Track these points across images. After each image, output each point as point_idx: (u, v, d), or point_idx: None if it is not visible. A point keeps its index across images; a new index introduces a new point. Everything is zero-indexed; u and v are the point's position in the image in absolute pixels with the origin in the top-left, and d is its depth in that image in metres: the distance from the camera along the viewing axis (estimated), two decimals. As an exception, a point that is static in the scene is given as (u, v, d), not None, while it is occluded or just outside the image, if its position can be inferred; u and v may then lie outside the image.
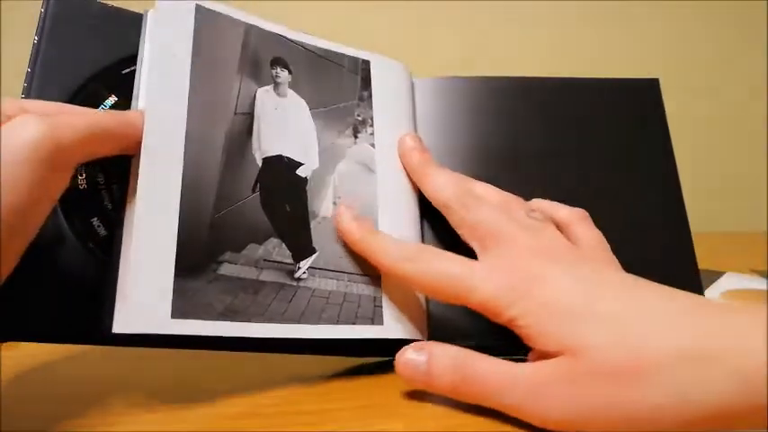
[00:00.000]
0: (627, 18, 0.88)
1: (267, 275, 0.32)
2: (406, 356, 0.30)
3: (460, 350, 0.30)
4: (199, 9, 0.33)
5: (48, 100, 0.29)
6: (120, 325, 0.27)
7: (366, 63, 0.39)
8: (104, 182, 0.31)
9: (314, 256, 0.33)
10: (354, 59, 0.39)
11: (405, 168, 0.38)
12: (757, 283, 0.50)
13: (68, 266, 0.30)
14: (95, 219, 0.31)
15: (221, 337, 0.29)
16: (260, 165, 0.33)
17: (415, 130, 0.40)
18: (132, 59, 0.32)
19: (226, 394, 0.31)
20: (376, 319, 0.33)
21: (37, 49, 0.31)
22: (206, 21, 0.33)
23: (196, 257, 0.30)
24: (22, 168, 0.24)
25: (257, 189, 0.33)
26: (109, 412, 0.29)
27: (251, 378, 0.33)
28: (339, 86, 0.38)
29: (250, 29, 0.35)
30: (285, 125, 0.35)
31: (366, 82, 0.39)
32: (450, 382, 0.29)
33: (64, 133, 0.25)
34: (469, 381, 0.29)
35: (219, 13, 0.34)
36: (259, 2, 0.45)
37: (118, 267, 0.28)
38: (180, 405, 0.30)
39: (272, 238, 0.32)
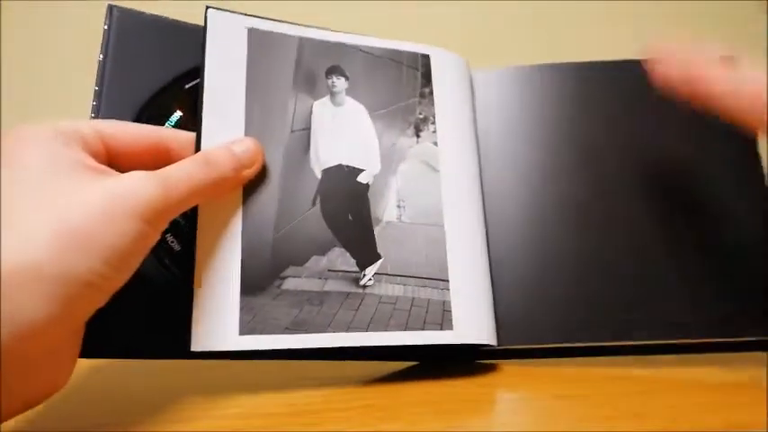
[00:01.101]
0: (627, 17, 0.83)
1: (332, 285, 0.32)
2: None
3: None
4: (251, 32, 0.34)
5: (116, 117, 0.31)
6: (196, 344, 0.29)
7: (426, 58, 0.38)
8: None
9: (379, 262, 0.33)
10: (413, 55, 0.38)
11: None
12: None
13: (147, 283, 0.31)
14: (169, 234, 0.32)
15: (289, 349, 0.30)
16: (319, 177, 0.34)
17: (476, 124, 0.38)
18: (195, 72, 0.33)
19: (226, 394, 0.31)
20: (445, 324, 0.33)
21: (103, 67, 0.33)
22: (259, 43, 0.34)
23: (260, 277, 0.31)
24: (130, 223, 0.25)
25: (317, 202, 0.33)
26: (109, 412, 0.30)
27: (251, 378, 0.33)
28: (399, 85, 0.37)
29: (303, 43, 0.35)
30: (343, 134, 0.35)
31: (427, 78, 0.37)
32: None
33: (171, 198, 0.27)
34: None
35: (272, 33, 0.35)
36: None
37: (191, 289, 0.30)
38: (180, 405, 0.30)
39: (335, 248, 0.33)
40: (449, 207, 0.35)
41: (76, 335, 0.27)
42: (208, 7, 0.34)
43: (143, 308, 0.31)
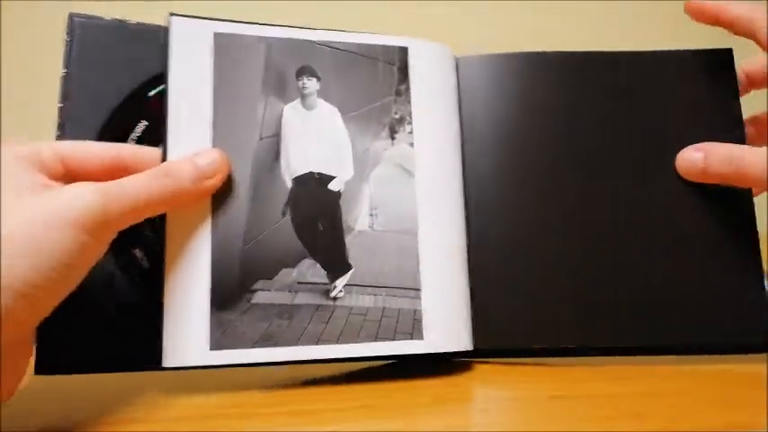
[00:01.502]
0: (629, 16, 0.83)
1: (302, 298, 0.32)
2: (685, 157, 0.36)
3: (734, 146, 0.35)
4: (217, 37, 0.33)
5: (81, 134, 0.31)
6: (167, 360, 0.30)
7: (403, 51, 0.36)
8: None
9: (350, 272, 0.33)
10: (390, 48, 0.36)
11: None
12: None
13: (116, 298, 0.32)
14: (137, 249, 0.32)
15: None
16: (289, 186, 0.33)
17: (460, 113, 0.37)
18: (159, 78, 0.32)
19: (226, 394, 0.32)
20: (416, 333, 0.33)
21: (66, 82, 0.32)
22: (225, 48, 0.33)
23: (229, 291, 0.31)
24: (69, 233, 0.26)
25: (287, 212, 0.33)
26: (108, 412, 0.30)
27: (251, 378, 0.33)
28: (374, 83, 0.35)
29: (272, 43, 0.34)
30: (314, 139, 0.34)
31: (403, 73, 0.36)
32: (729, 174, 0.35)
33: (113, 206, 0.27)
34: (742, 171, 0.34)
35: (238, 35, 0.33)
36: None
37: (161, 304, 0.31)
38: (180, 405, 0.31)
39: (305, 260, 0.33)
40: (424, 212, 0.34)
41: (23, 345, 0.28)
42: (171, 14, 0.32)
43: (115, 322, 0.32)
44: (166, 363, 0.30)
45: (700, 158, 0.36)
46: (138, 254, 0.32)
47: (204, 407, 0.31)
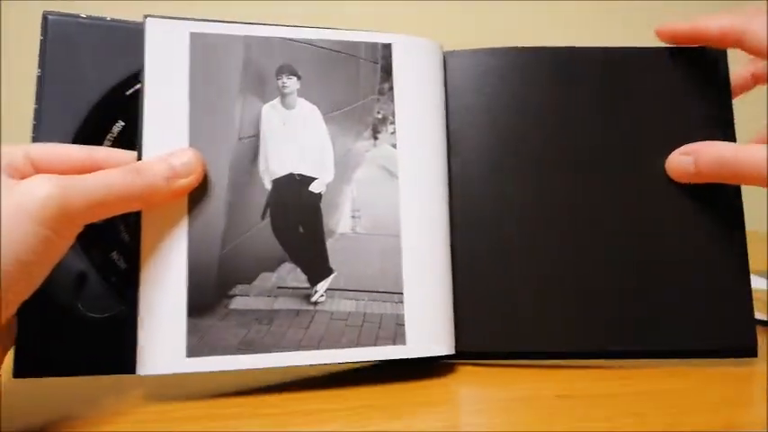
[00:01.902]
0: (631, 16, 0.82)
1: (282, 303, 0.32)
2: (675, 160, 0.35)
3: (723, 146, 0.34)
4: (194, 37, 0.32)
5: (57, 137, 0.31)
6: (142, 368, 0.29)
7: (387, 48, 0.35)
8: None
9: (331, 276, 0.33)
10: (373, 46, 0.35)
11: None
12: (757, 283, 0.49)
13: (94, 301, 0.31)
14: (115, 252, 0.32)
15: None
16: (269, 188, 0.32)
17: (446, 110, 0.36)
18: (135, 77, 0.32)
19: (226, 394, 0.31)
20: (398, 338, 0.32)
21: (41, 83, 0.31)
22: (202, 48, 0.32)
23: (207, 296, 0.30)
24: (26, 226, 0.25)
25: (267, 215, 0.32)
26: (108, 412, 0.30)
27: (251, 378, 0.33)
28: (356, 82, 0.34)
29: (250, 41, 0.33)
30: (295, 140, 0.33)
31: (387, 71, 0.35)
32: (721, 175, 0.34)
33: (74, 198, 0.26)
34: (735, 171, 0.34)
35: (216, 35, 0.32)
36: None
37: (136, 309, 0.30)
38: (180, 405, 0.30)
39: (285, 264, 0.32)
40: (407, 215, 0.34)
41: None
42: (146, 16, 0.31)
43: (91, 325, 0.31)
44: (141, 370, 0.29)
45: (689, 162, 0.35)
46: (114, 256, 0.32)
47: (204, 407, 0.30)
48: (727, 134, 0.36)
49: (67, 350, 0.31)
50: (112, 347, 0.30)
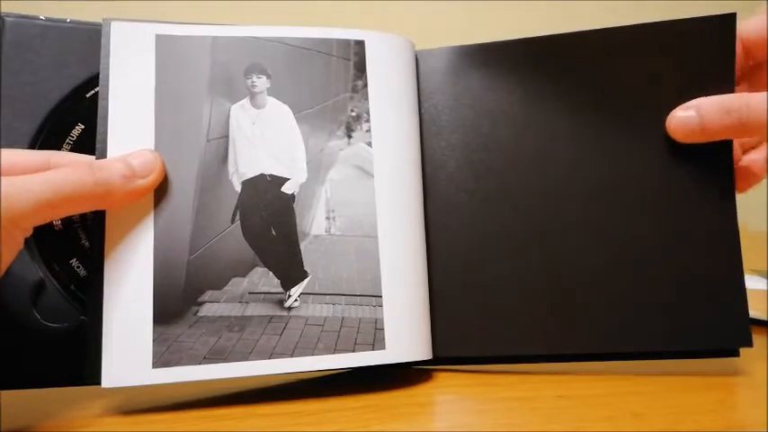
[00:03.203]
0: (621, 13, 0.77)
1: (254, 309, 0.30)
2: (677, 117, 0.32)
3: (727, 95, 0.32)
4: (159, 39, 0.31)
5: (15, 141, 0.30)
6: (107, 380, 0.28)
7: (359, 44, 0.34)
8: (79, 219, 0.31)
9: (306, 280, 0.31)
10: (345, 42, 0.34)
11: None
12: (757, 283, 0.49)
13: (52, 310, 0.30)
14: (74, 260, 0.31)
15: None
16: (239, 189, 0.31)
17: (420, 110, 0.35)
18: (95, 79, 0.31)
19: (226, 394, 0.31)
20: (377, 343, 0.31)
21: None
22: (168, 49, 0.31)
23: (174, 303, 0.29)
24: None
25: (237, 217, 0.31)
26: (108, 412, 0.29)
27: (251, 378, 0.32)
28: (327, 80, 0.33)
29: (217, 42, 0.32)
30: (265, 140, 0.32)
31: (360, 68, 0.34)
32: (728, 125, 0.31)
33: (16, 202, 0.25)
34: (745, 118, 0.31)
35: (182, 36, 0.31)
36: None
37: (98, 317, 0.28)
38: (179, 405, 0.30)
39: (257, 268, 0.31)
40: (384, 215, 0.32)
41: None
42: (105, 20, 0.31)
43: (48, 336, 0.30)
44: (106, 383, 0.28)
45: (693, 116, 0.32)
46: (74, 263, 0.31)
47: (204, 407, 0.30)
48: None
49: (25, 362, 0.29)
50: (73, 359, 0.29)
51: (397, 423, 0.28)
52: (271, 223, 0.31)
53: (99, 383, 0.28)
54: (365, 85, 0.34)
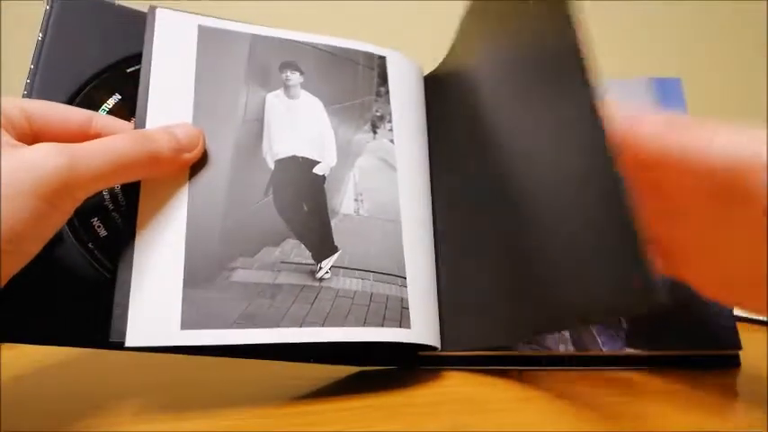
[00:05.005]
0: (638, 18, 0.85)
1: (285, 278, 0.30)
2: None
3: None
4: (201, 29, 0.33)
5: (50, 98, 0.29)
6: (131, 338, 0.26)
7: (382, 59, 0.38)
8: None
9: (336, 254, 0.31)
10: (369, 55, 0.37)
11: None
12: None
13: (68, 267, 0.29)
14: (96, 218, 0.30)
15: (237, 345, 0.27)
16: (272, 167, 0.32)
17: (428, 128, 0.38)
18: (137, 57, 0.32)
19: (226, 394, 0.30)
20: (404, 321, 0.31)
21: (41, 47, 0.31)
22: (209, 39, 0.33)
23: (206, 267, 0.28)
24: (27, 201, 0.23)
25: (270, 192, 0.31)
26: (108, 412, 0.28)
27: (251, 378, 0.32)
28: (355, 83, 0.36)
29: (256, 39, 0.34)
30: (298, 126, 0.34)
31: (383, 78, 0.37)
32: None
33: (81, 172, 0.25)
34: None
35: (222, 30, 0.34)
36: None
37: (128, 276, 0.27)
38: (180, 405, 0.29)
39: (288, 240, 0.31)
40: (405, 205, 0.34)
41: None
42: (151, 6, 0.33)
43: (63, 292, 0.28)
44: (131, 342, 0.26)
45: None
46: (95, 222, 0.30)
47: (205, 407, 0.29)
48: None
49: (39, 316, 0.28)
50: (84, 317, 0.28)
51: (397, 423, 0.27)
52: (303, 199, 0.32)
53: (122, 341, 0.26)
54: (387, 92, 0.37)
